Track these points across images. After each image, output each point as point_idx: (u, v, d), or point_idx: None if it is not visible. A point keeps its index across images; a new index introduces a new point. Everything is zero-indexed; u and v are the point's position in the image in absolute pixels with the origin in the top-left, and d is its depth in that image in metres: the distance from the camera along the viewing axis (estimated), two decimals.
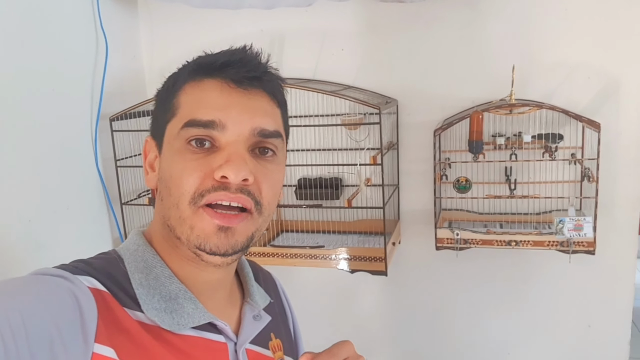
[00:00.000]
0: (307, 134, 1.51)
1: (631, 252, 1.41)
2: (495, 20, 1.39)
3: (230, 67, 0.51)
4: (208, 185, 0.48)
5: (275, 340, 0.63)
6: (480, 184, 1.42)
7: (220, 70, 0.51)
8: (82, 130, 1.34)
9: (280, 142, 0.54)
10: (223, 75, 0.51)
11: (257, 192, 0.51)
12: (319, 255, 1.32)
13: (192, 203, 0.49)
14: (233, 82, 0.51)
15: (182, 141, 0.50)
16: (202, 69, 0.52)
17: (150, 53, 1.62)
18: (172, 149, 0.51)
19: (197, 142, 0.50)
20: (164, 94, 0.55)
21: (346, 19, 1.48)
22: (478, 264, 1.50)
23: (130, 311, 0.48)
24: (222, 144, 0.50)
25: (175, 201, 0.50)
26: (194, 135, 0.50)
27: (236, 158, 0.49)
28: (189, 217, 0.49)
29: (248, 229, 0.50)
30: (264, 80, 0.53)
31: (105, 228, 1.42)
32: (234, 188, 0.49)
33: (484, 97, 1.41)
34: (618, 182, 1.37)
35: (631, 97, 1.34)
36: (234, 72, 0.51)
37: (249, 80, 0.51)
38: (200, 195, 0.48)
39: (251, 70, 0.51)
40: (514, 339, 1.55)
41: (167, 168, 0.51)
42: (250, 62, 0.52)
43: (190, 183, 0.49)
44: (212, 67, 0.51)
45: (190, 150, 0.50)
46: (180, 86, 0.53)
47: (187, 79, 0.53)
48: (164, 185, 0.52)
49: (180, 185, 0.49)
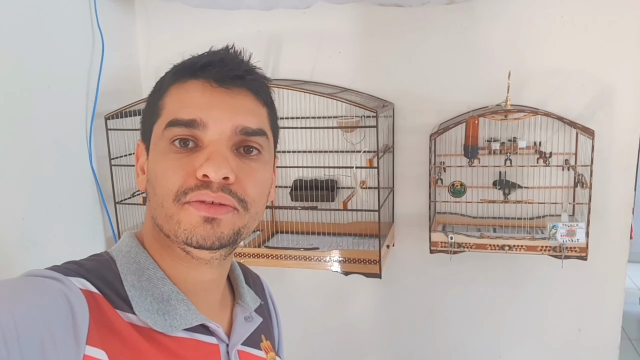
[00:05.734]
0: (303, 136, 1.51)
1: (622, 257, 1.42)
2: (492, 26, 1.39)
3: (212, 67, 0.51)
4: (191, 183, 0.49)
5: (266, 341, 0.63)
6: (474, 188, 1.43)
7: (202, 71, 0.52)
8: (77, 128, 1.33)
9: (266, 141, 0.54)
10: (205, 76, 0.51)
11: (241, 191, 0.50)
12: (313, 257, 1.32)
13: (175, 200, 0.49)
14: (215, 81, 0.51)
15: (166, 141, 0.51)
16: (185, 71, 0.53)
17: (146, 52, 1.62)
18: (157, 149, 0.52)
19: (180, 142, 0.50)
20: (151, 97, 0.56)
21: (344, 21, 1.48)
22: (471, 267, 1.51)
23: (122, 313, 0.48)
24: (205, 143, 0.50)
25: (160, 200, 0.50)
26: (177, 135, 0.50)
27: (216, 156, 0.49)
28: (176, 213, 0.49)
29: (234, 223, 0.50)
30: (247, 79, 0.53)
31: (98, 227, 1.42)
32: (216, 187, 0.49)
33: (480, 102, 1.42)
34: (611, 189, 1.38)
35: (625, 105, 1.35)
36: (216, 72, 0.51)
37: (231, 79, 0.52)
38: (184, 193, 0.49)
39: (233, 69, 0.52)
40: (505, 342, 1.55)
41: (153, 168, 0.52)
42: (231, 61, 0.53)
43: (173, 181, 0.49)
44: (195, 67, 0.52)
45: (173, 150, 0.50)
46: (166, 89, 0.53)
47: (172, 82, 0.53)
48: (151, 186, 0.52)
49: (164, 184, 0.50)
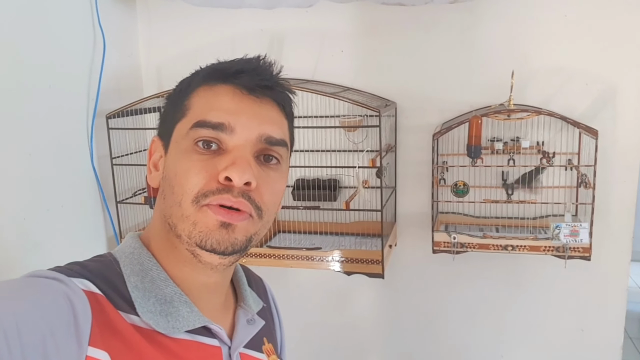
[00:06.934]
0: (305, 135, 1.51)
1: (625, 257, 1.42)
2: (495, 25, 1.39)
3: (244, 75, 0.52)
4: (212, 187, 0.49)
5: (268, 344, 0.63)
6: (477, 188, 1.42)
7: (234, 77, 0.52)
8: (78, 127, 1.33)
9: (285, 152, 0.55)
10: (236, 82, 0.52)
11: (259, 198, 0.51)
12: (316, 257, 1.32)
13: (194, 202, 0.49)
14: (245, 89, 0.52)
15: (189, 141, 0.51)
16: (216, 74, 0.53)
17: (147, 51, 1.61)
18: (179, 148, 0.52)
19: (204, 144, 0.50)
20: (176, 96, 0.56)
21: (346, 20, 1.47)
22: (474, 267, 1.50)
23: (124, 314, 0.48)
24: (229, 147, 0.51)
25: (178, 199, 0.50)
26: (202, 136, 0.50)
27: (241, 161, 0.49)
28: (192, 214, 0.49)
29: (248, 230, 0.51)
30: (275, 91, 0.54)
31: (99, 226, 1.41)
32: (237, 192, 0.49)
33: (483, 101, 1.41)
34: (614, 189, 1.38)
35: (628, 104, 1.34)
36: (247, 80, 0.52)
37: (261, 89, 0.53)
38: (204, 195, 0.49)
39: (264, 79, 0.53)
40: (507, 342, 1.55)
41: (173, 167, 0.52)
42: (264, 71, 0.54)
43: (195, 182, 0.49)
44: (227, 73, 0.53)
45: (196, 150, 0.51)
46: (194, 89, 0.54)
47: (201, 83, 0.54)
48: (168, 184, 0.52)
49: (184, 184, 0.50)
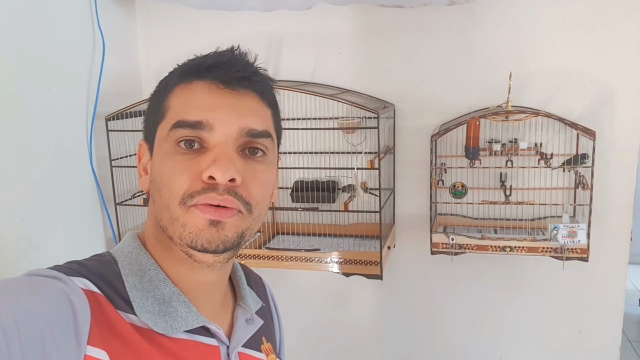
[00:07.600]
0: (304, 137, 1.51)
1: (623, 258, 1.42)
2: (493, 27, 1.39)
3: (219, 68, 0.51)
4: (197, 187, 0.48)
5: (267, 343, 0.63)
6: (475, 190, 1.43)
7: (209, 72, 0.51)
8: (77, 129, 1.33)
9: (271, 142, 0.54)
10: (211, 77, 0.51)
11: (246, 193, 0.50)
12: (314, 259, 1.32)
13: (182, 203, 0.49)
14: (221, 82, 0.51)
15: (171, 142, 0.50)
16: (191, 71, 0.52)
17: (147, 53, 1.62)
18: (162, 150, 0.51)
19: (186, 143, 0.50)
20: (155, 97, 0.55)
21: (345, 23, 1.48)
22: (472, 269, 1.50)
23: (123, 314, 0.48)
24: (211, 144, 0.50)
25: (166, 202, 0.50)
26: (183, 136, 0.50)
27: (223, 158, 0.49)
28: (181, 216, 0.49)
29: (238, 226, 0.50)
30: (253, 81, 0.53)
31: (99, 228, 1.41)
32: (222, 189, 0.48)
33: (481, 103, 1.42)
34: (611, 190, 1.38)
35: (626, 106, 1.35)
36: (222, 73, 0.51)
37: (238, 81, 0.51)
38: (190, 196, 0.48)
39: (239, 70, 0.52)
40: (506, 344, 1.55)
41: (158, 169, 0.51)
42: (238, 62, 0.52)
43: (180, 184, 0.49)
44: (201, 68, 0.52)
45: (179, 151, 0.50)
46: (171, 89, 0.53)
47: (177, 82, 0.53)
48: (155, 187, 0.52)
49: (170, 186, 0.49)
